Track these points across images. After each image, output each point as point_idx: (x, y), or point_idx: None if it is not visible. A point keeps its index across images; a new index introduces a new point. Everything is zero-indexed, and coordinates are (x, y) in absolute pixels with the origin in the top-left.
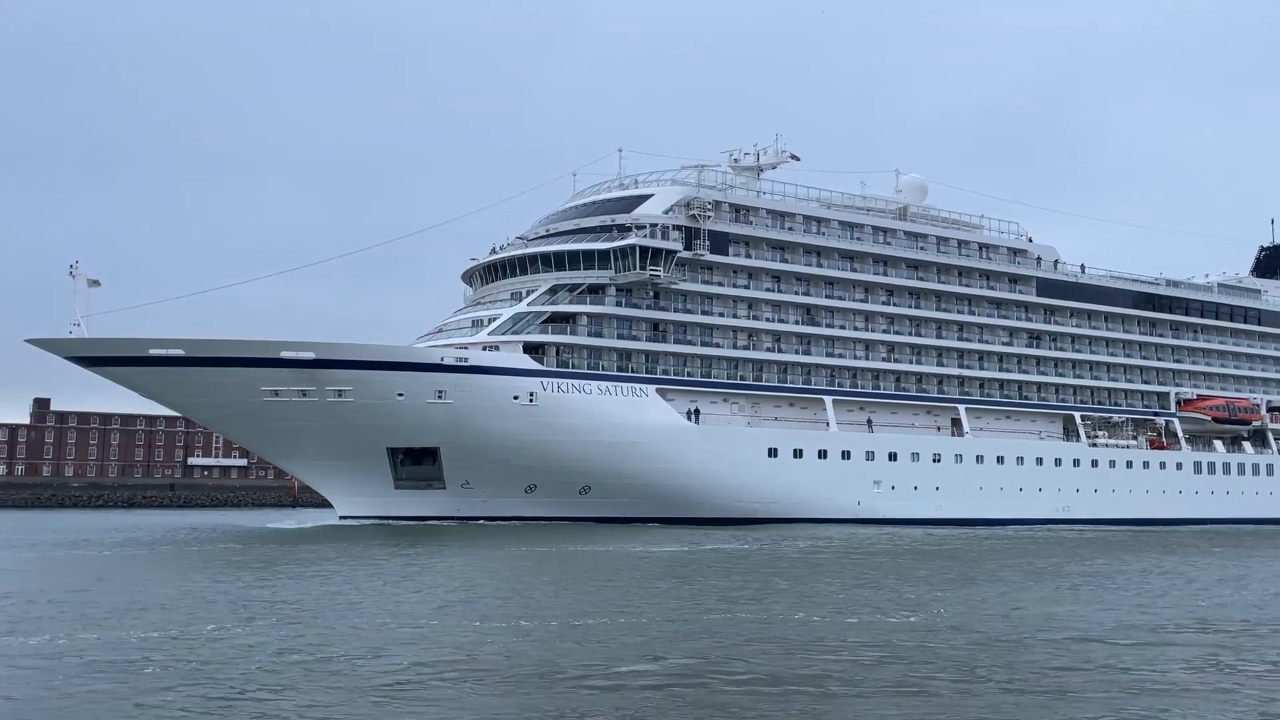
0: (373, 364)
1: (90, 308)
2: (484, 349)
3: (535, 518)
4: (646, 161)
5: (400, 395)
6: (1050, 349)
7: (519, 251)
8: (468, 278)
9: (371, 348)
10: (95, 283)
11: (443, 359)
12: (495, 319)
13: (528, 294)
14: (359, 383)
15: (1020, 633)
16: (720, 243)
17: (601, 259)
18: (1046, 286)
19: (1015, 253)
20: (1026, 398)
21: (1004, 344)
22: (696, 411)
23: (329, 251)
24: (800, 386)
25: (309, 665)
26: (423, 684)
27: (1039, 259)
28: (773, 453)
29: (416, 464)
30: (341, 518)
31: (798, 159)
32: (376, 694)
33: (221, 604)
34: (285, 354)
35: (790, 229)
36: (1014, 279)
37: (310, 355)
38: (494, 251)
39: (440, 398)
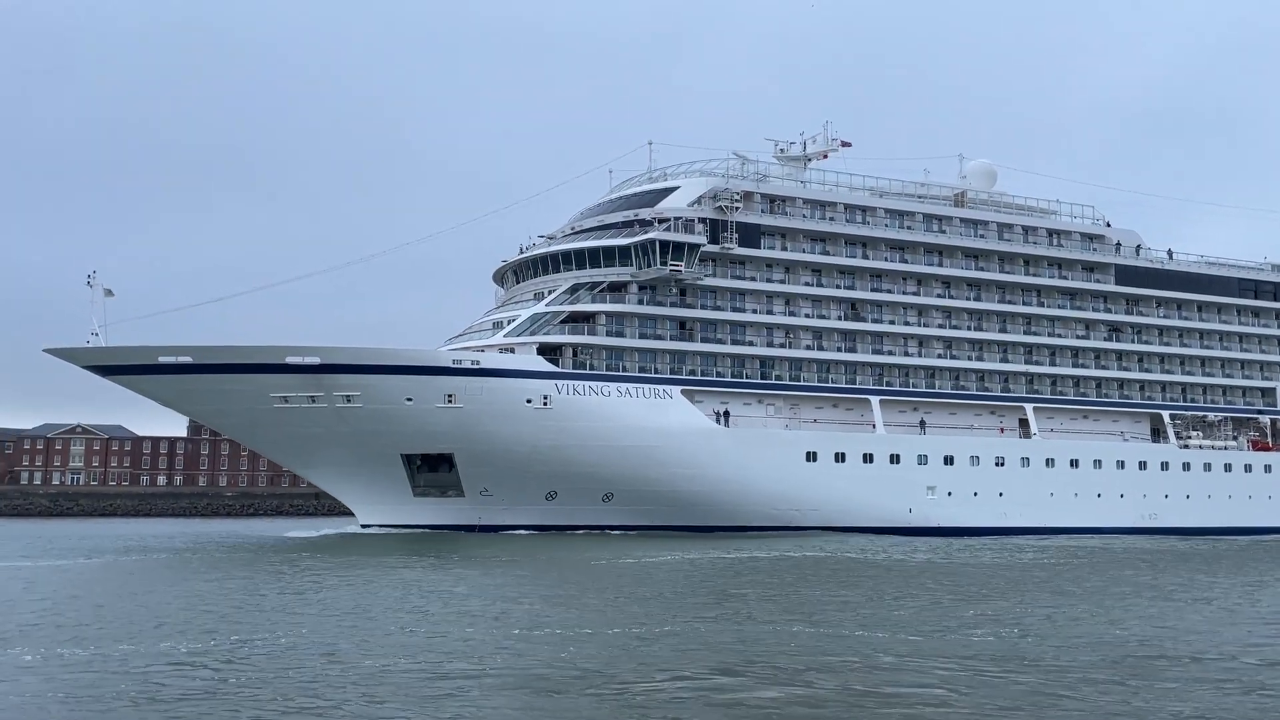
0: (379, 368)
1: (107, 317)
2: (500, 351)
3: (556, 526)
4: (682, 154)
5: (409, 400)
6: (1133, 342)
7: (541, 250)
8: (499, 278)
9: (377, 351)
10: (109, 293)
11: (454, 361)
12: (515, 320)
13: (549, 294)
14: (366, 387)
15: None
16: (752, 235)
17: (622, 255)
18: (1126, 274)
19: (1090, 238)
20: (1106, 395)
21: (1079, 338)
22: (726, 413)
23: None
24: (843, 386)
25: (358, 672)
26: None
27: (1118, 244)
28: (811, 456)
29: (433, 471)
30: (363, 526)
31: (848, 145)
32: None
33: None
34: (290, 359)
35: (831, 219)
36: (1089, 267)
37: (316, 360)
38: (522, 251)
39: (450, 402)
